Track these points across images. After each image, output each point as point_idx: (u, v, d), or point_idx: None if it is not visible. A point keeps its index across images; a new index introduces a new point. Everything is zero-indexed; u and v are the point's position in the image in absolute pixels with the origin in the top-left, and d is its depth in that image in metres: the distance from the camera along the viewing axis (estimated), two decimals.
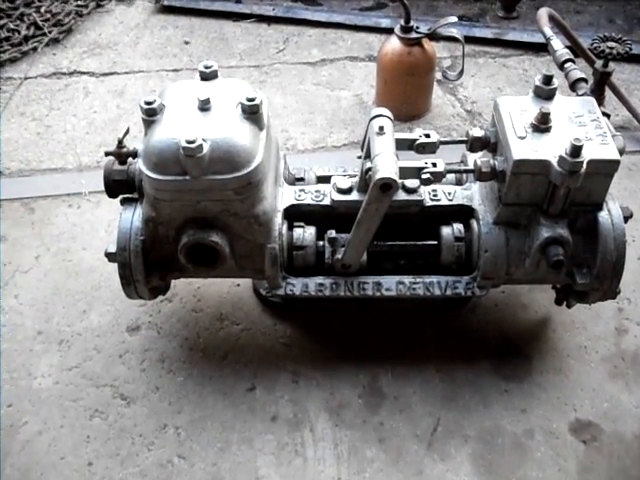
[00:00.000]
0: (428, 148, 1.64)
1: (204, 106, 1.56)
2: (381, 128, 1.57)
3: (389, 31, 2.63)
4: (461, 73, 2.55)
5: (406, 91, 2.54)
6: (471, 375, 1.82)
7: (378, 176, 1.45)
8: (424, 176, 1.58)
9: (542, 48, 2.74)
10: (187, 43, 3.05)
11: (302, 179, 1.85)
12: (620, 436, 1.71)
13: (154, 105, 1.56)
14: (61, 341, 1.90)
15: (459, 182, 1.81)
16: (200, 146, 1.46)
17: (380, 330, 1.91)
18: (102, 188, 1.68)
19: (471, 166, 1.65)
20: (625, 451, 1.68)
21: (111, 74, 2.87)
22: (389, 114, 1.63)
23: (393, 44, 2.48)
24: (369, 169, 1.52)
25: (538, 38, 2.76)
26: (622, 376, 1.82)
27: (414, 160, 1.61)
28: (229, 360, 1.86)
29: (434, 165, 1.60)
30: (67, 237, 2.18)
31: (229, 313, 1.96)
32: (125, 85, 2.81)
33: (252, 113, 1.57)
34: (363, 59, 2.96)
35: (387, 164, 1.48)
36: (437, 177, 1.60)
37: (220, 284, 2.01)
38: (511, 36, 3.03)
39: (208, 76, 1.67)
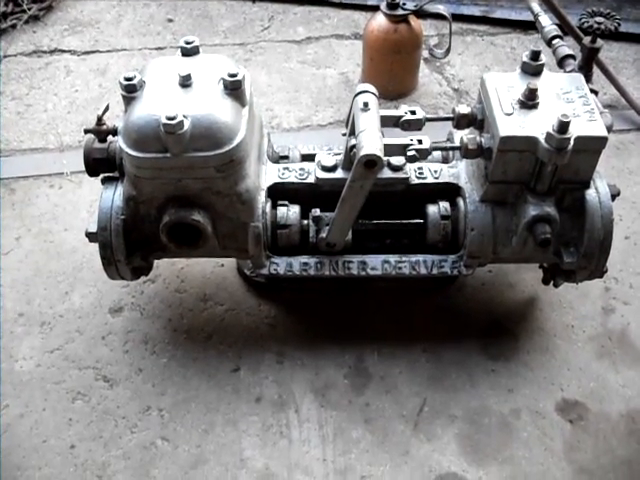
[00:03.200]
0: (414, 125, 1.62)
1: (185, 82, 1.53)
2: (366, 104, 1.54)
3: (375, 8, 2.58)
4: (448, 51, 2.52)
5: (392, 69, 2.51)
6: (458, 355, 1.81)
7: (362, 153, 1.43)
8: (409, 153, 1.55)
9: (530, 26, 2.71)
10: (170, 21, 2.99)
11: (286, 157, 1.82)
12: (606, 415, 1.70)
13: (134, 81, 1.52)
14: (43, 323, 1.87)
15: (445, 160, 1.79)
16: (181, 122, 1.43)
17: (366, 310, 1.90)
18: (84, 168, 1.65)
19: (457, 143, 1.63)
20: (611, 430, 1.68)
21: (93, 52, 2.82)
22: (374, 90, 1.60)
23: (379, 21, 2.44)
24: (353, 146, 1.49)
25: (526, 16, 2.73)
26: (609, 355, 1.82)
27: (399, 137, 1.58)
28: (213, 341, 1.84)
29: (420, 142, 1.57)
30: (48, 218, 2.14)
31: (213, 294, 1.94)
32: (107, 64, 2.76)
33: (234, 89, 1.54)
34: (349, 37, 2.91)
35: (372, 141, 1.45)
36: (423, 154, 1.57)
37: (204, 264, 1.99)
38: (499, 14, 2.99)
39: (189, 52, 1.63)
